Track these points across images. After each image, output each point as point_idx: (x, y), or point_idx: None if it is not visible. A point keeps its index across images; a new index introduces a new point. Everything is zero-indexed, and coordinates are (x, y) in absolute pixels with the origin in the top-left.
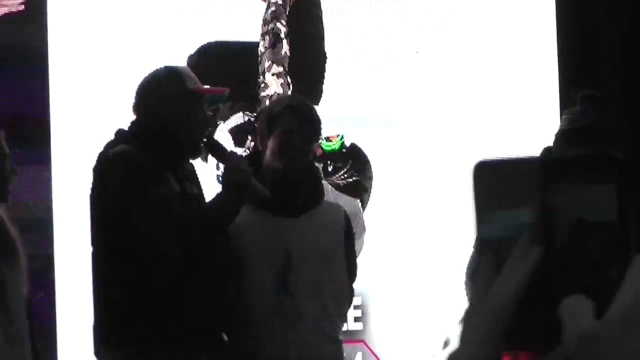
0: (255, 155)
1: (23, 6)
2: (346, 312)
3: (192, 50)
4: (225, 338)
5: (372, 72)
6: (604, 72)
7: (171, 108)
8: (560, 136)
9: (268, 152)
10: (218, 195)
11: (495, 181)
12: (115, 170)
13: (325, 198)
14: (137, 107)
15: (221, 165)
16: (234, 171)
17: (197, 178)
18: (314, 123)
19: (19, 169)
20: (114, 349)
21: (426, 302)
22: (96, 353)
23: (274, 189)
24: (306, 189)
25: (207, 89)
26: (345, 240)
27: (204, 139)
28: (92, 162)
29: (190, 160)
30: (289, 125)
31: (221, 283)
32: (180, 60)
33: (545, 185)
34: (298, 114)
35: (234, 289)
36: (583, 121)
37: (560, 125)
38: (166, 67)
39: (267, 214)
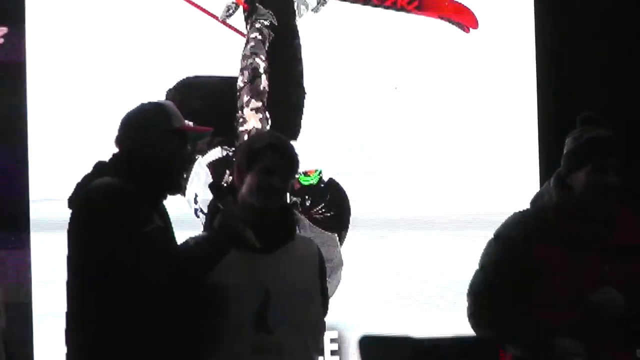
0: (230, 189)
1: (3, 35)
2: (320, 346)
3: (170, 81)
4: None
5: (351, 106)
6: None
7: (157, 145)
8: (568, 157)
9: (245, 188)
10: (207, 236)
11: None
12: (103, 201)
13: (303, 232)
14: (120, 141)
15: (199, 199)
16: (232, 217)
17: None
18: (293, 162)
19: None
20: None
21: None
22: None
23: (250, 225)
24: (281, 224)
25: (192, 127)
26: (319, 274)
27: (211, 181)
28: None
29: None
30: (269, 164)
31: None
32: (158, 89)
33: None
34: (278, 153)
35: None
36: (587, 136)
37: (566, 149)
38: (153, 104)
39: (242, 250)
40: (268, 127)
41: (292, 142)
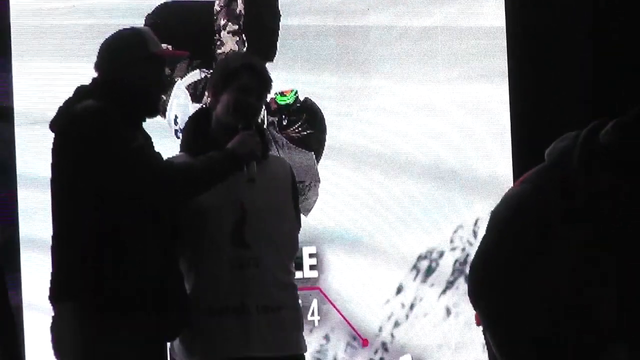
0: (204, 112)
1: None
2: (294, 259)
3: (151, 9)
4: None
5: (330, 26)
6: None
7: (135, 70)
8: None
9: (220, 107)
10: (212, 155)
11: None
12: (88, 122)
13: (280, 151)
14: (100, 66)
15: (179, 121)
16: (249, 144)
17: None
18: (267, 81)
19: None
20: (68, 297)
21: (378, 251)
22: (54, 300)
23: (226, 143)
24: None
25: (168, 52)
26: (292, 193)
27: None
28: None
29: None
30: (244, 82)
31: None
32: (140, 16)
33: None
34: (253, 72)
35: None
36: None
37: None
38: (130, 29)
39: None
40: (245, 49)
41: (268, 63)
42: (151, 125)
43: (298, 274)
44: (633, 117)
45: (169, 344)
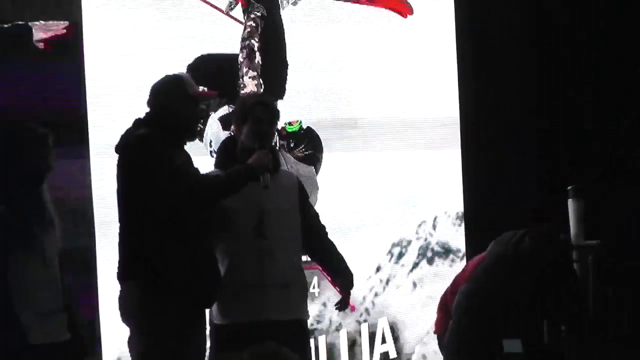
0: (231, 138)
1: (66, 30)
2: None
3: (191, 60)
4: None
5: (321, 76)
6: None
7: (175, 107)
8: None
9: (244, 134)
10: (237, 169)
11: None
12: (144, 146)
13: (289, 166)
14: (150, 104)
15: (213, 144)
16: (263, 161)
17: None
18: (275, 113)
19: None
20: (130, 277)
21: (363, 240)
22: (120, 279)
23: (247, 160)
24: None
25: (201, 92)
26: (300, 197)
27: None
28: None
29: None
30: (258, 115)
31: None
32: (183, 66)
33: None
34: (265, 107)
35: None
36: None
37: None
38: (173, 75)
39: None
40: (262, 90)
41: (279, 101)
42: (192, 147)
43: (303, 258)
44: (544, 230)
45: (207, 310)
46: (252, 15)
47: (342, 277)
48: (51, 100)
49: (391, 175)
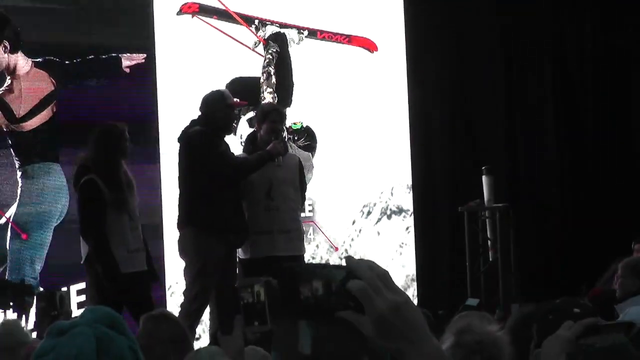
0: (254, 133)
1: (144, 60)
2: (302, 207)
3: (229, 80)
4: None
5: (317, 95)
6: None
7: (218, 112)
8: None
9: (262, 131)
10: (259, 153)
11: None
12: (199, 138)
13: (293, 151)
14: (201, 109)
15: (243, 138)
16: (277, 149)
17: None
18: (284, 117)
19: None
20: (186, 226)
21: (343, 203)
22: (179, 226)
23: (266, 147)
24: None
25: (236, 102)
26: (299, 173)
27: (284, 137)
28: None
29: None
30: (274, 118)
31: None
32: (224, 84)
33: None
34: (278, 112)
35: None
36: None
37: None
38: (217, 90)
39: None
40: (276, 101)
41: (287, 109)
42: (229, 139)
43: (302, 215)
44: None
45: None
46: (270, 51)
47: None
48: (132, 106)
49: (363, 161)
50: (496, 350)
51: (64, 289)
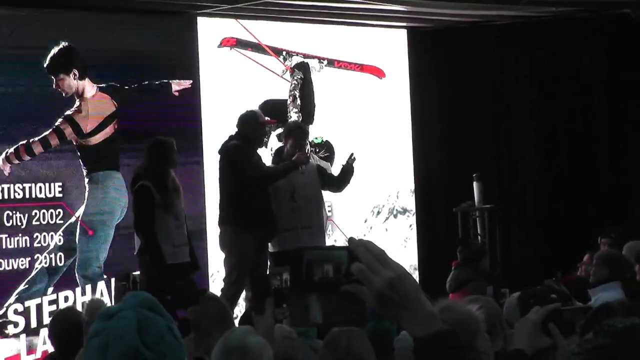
0: (282, 147)
1: (190, 85)
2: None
3: (261, 102)
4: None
5: (337, 114)
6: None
7: (252, 129)
8: None
9: (289, 145)
10: (286, 163)
11: None
12: (235, 150)
13: (315, 161)
14: (238, 126)
15: (273, 150)
16: (301, 159)
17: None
18: (307, 133)
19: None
20: (226, 224)
21: (357, 204)
22: (219, 224)
23: (291, 159)
24: None
25: (267, 120)
26: (319, 177)
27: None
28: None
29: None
30: (298, 134)
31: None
32: (257, 104)
33: None
34: (302, 129)
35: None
36: None
37: None
38: (251, 110)
39: None
40: (300, 120)
41: (310, 126)
42: (261, 151)
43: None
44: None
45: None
46: (295, 77)
47: (344, 169)
48: (180, 123)
49: (373, 169)
50: (474, 327)
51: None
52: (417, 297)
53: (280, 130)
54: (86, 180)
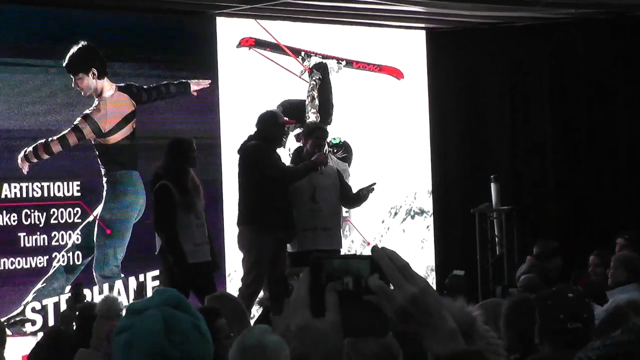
0: (301, 147)
1: (209, 84)
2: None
3: (280, 102)
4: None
5: (355, 115)
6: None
7: (271, 129)
8: None
9: (308, 145)
10: (305, 164)
11: None
12: (255, 150)
13: (332, 162)
14: (257, 126)
15: (291, 150)
16: (320, 159)
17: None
18: (326, 133)
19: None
20: (245, 224)
21: (375, 206)
22: (238, 224)
23: (311, 158)
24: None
25: (286, 121)
26: (339, 178)
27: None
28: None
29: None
30: (317, 134)
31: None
32: (275, 104)
33: None
34: (321, 130)
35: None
36: None
37: None
38: (270, 110)
39: None
40: (319, 120)
41: (328, 126)
42: (280, 151)
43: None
44: None
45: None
46: (314, 77)
47: (360, 193)
48: (199, 123)
49: (390, 170)
50: (471, 328)
51: (142, 275)
52: (439, 313)
53: (298, 131)
54: (104, 179)
